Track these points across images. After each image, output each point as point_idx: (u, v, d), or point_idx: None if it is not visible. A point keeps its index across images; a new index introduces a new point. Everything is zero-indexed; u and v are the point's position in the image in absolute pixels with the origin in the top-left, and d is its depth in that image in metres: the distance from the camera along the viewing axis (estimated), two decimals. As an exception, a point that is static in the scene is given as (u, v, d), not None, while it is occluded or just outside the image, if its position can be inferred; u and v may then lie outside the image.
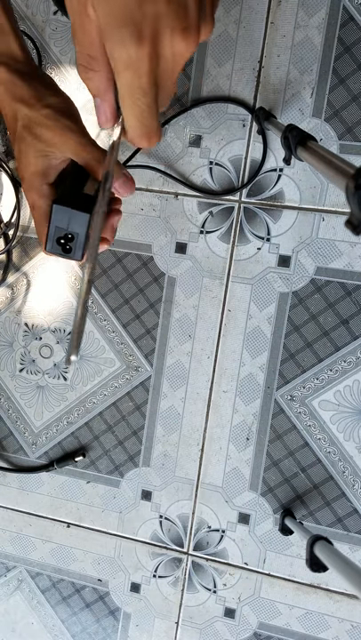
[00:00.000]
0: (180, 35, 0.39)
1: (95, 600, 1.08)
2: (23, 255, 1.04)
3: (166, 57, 0.40)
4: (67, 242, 0.60)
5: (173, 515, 1.03)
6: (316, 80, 0.89)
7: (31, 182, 0.60)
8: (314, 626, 0.99)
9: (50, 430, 1.07)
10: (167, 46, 0.40)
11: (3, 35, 0.57)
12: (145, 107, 0.44)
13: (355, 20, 0.87)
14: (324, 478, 0.96)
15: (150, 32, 0.38)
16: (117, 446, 1.04)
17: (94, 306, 1.02)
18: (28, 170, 0.59)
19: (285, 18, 0.89)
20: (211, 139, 0.94)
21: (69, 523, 1.08)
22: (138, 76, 0.41)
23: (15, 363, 1.07)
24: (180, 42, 0.39)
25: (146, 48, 0.39)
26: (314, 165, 0.55)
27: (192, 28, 0.39)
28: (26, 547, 1.11)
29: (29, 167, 0.59)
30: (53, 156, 0.58)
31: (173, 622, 1.05)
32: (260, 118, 0.87)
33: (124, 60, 0.40)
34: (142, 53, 0.39)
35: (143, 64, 0.40)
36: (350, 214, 0.40)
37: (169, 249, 0.98)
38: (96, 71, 0.44)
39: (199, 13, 0.39)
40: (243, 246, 0.95)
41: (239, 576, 1.01)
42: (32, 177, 0.59)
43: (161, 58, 0.40)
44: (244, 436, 0.98)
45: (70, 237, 0.60)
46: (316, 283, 0.93)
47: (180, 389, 1.00)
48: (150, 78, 0.41)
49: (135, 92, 0.42)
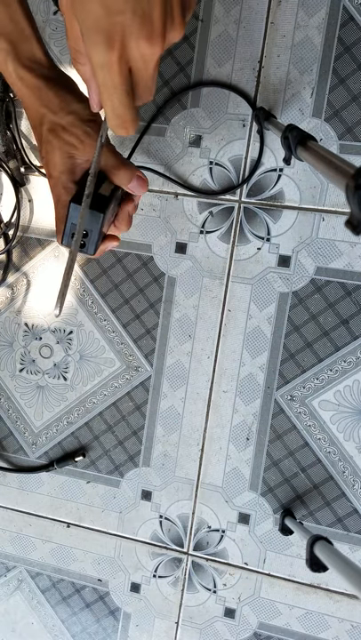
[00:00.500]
0: (146, 41, 0.45)
1: (95, 600, 1.08)
2: (23, 255, 1.04)
3: (135, 58, 0.47)
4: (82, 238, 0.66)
5: (173, 515, 1.03)
6: (316, 80, 0.89)
7: (59, 180, 0.66)
8: (314, 626, 0.99)
9: (50, 430, 1.07)
10: (134, 50, 0.46)
11: (26, 40, 0.62)
12: (117, 101, 0.51)
13: (355, 20, 0.87)
14: (324, 478, 0.96)
15: (118, 39, 0.45)
16: (117, 446, 1.04)
17: (94, 306, 1.02)
18: (56, 169, 0.65)
19: (285, 18, 0.89)
20: (211, 139, 0.94)
21: (69, 523, 1.08)
22: (109, 75, 0.48)
23: (15, 363, 1.07)
24: (146, 47, 0.46)
25: (115, 52, 0.46)
26: (314, 165, 0.55)
27: (156, 35, 0.45)
28: (26, 547, 1.11)
29: (57, 167, 0.65)
30: (78, 158, 0.64)
31: (173, 622, 1.05)
32: (260, 118, 0.87)
33: (97, 62, 0.47)
34: (111, 57, 0.46)
35: (113, 65, 0.47)
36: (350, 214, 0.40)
37: (169, 249, 0.98)
38: (82, 64, 0.53)
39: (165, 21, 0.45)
40: (243, 246, 0.95)
41: (239, 576, 1.01)
42: (60, 175, 0.66)
43: (130, 60, 0.47)
44: (244, 435, 0.98)
45: (85, 234, 0.66)
46: (316, 283, 0.93)
47: (180, 389, 1.00)
48: (120, 76, 0.48)
49: (108, 89, 0.49)
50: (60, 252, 1.02)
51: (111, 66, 0.47)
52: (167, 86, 0.94)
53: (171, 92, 0.95)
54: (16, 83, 0.63)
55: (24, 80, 0.62)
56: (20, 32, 0.62)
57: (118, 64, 0.47)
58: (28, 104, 0.64)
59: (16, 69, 0.62)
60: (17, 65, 0.62)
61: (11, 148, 1.00)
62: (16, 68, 0.62)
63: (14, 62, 0.62)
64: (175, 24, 0.46)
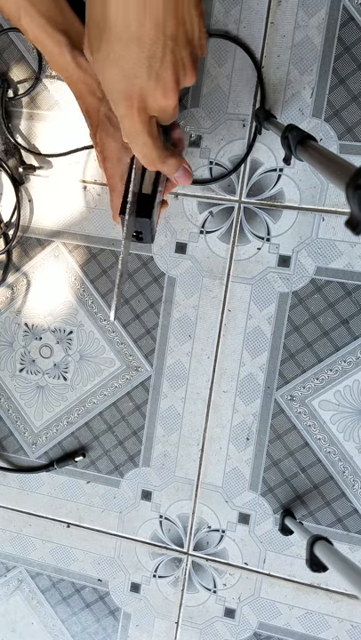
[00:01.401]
0: (161, 97, 0.52)
1: (95, 600, 1.08)
2: (23, 255, 1.04)
3: (154, 109, 0.53)
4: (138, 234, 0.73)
5: (173, 515, 1.03)
6: (316, 80, 0.89)
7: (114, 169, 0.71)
8: (314, 626, 0.99)
9: (50, 430, 1.07)
10: (152, 104, 0.52)
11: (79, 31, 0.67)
12: (141, 144, 0.58)
13: (355, 20, 0.87)
14: (324, 478, 0.96)
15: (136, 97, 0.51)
16: (117, 446, 1.04)
17: (94, 306, 1.02)
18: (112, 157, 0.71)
19: (285, 18, 0.89)
20: (211, 139, 0.94)
21: (69, 523, 1.08)
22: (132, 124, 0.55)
23: (15, 363, 1.07)
24: (162, 101, 0.52)
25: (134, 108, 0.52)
26: (314, 165, 0.55)
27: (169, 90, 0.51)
28: (26, 547, 1.11)
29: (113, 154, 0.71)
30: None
31: (173, 622, 1.05)
32: (260, 118, 0.87)
33: (120, 115, 0.54)
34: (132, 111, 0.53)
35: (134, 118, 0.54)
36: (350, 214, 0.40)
37: (169, 249, 0.98)
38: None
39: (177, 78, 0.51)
40: (243, 246, 0.95)
41: (239, 576, 1.01)
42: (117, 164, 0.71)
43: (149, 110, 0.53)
44: (244, 435, 0.98)
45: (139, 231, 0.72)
46: (316, 283, 0.93)
47: (180, 389, 1.00)
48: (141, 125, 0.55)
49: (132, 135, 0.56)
50: (60, 252, 1.02)
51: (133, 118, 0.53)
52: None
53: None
54: (75, 71, 0.67)
55: (82, 67, 0.66)
56: (71, 23, 0.66)
57: (138, 116, 0.53)
58: (86, 90, 0.68)
59: (75, 58, 0.66)
60: (76, 53, 0.65)
61: (10, 148, 1.00)
62: (75, 56, 0.65)
63: (72, 52, 0.65)
64: (187, 74, 0.52)
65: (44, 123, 1.00)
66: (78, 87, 0.68)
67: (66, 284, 1.03)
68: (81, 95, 0.69)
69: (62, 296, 1.03)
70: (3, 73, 1.00)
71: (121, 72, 0.49)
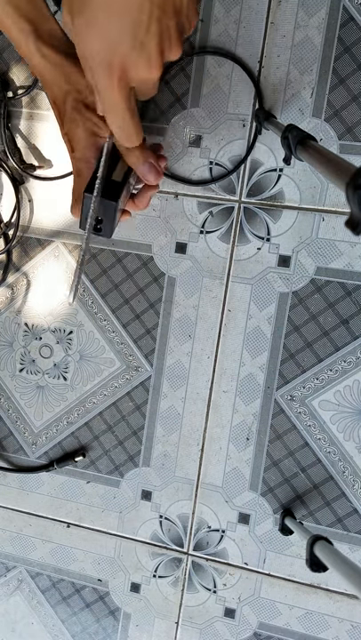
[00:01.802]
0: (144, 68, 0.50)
1: (95, 600, 1.08)
2: (23, 255, 1.04)
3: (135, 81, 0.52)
4: (97, 223, 0.70)
5: (173, 515, 1.03)
6: (316, 80, 0.89)
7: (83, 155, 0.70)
8: (314, 626, 0.99)
9: (50, 430, 1.07)
10: (134, 75, 0.51)
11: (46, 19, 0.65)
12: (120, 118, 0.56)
13: (355, 20, 0.87)
14: (324, 478, 0.96)
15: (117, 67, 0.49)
16: (117, 446, 1.04)
17: (94, 306, 1.02)
18: (80, 144, 0.69)
19: (285, 18, 0.89)
20: (211, 139, 0.94)
21: (69, 523, 1.08)
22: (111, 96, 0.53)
23: (15, 363, 1.07)
24: (145, 73, 0.50)
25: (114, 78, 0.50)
26: (314, 165, 0.55)
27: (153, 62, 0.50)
28: (26, 547, 1.11)
29: (81, 142, 0.69)
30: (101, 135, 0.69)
31: (173, 622, 1.05)
32: (259, 118, 0.87)
33: (101, 86, 0.52)
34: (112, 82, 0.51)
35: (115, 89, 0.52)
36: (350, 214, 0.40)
37: (169, 249, 0.98)
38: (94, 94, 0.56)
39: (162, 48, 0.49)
40: (243, 246, 0.95)
41: (239, 576, 1.01)
42: (84, 151, 0.70)
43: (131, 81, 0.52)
44: (244, 435, 0.98)
45: (100, 220, 0.70)
46: (316, 283, 0.93)
47: (180, 389, 1.00)
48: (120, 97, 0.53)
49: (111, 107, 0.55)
50: (60, 252, 1.02)
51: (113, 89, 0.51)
52: (167, 86, 0.94)
53: (172, 95, 0.95)
54: (39, 62, 0.65)
55: (47, 57, 0.65)
56: (39, 11, 0.64)
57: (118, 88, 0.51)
58: (51, 81, 0.67)
59: (39, 48, 0.64)
60: (40, 43, 0.64)
61: (10, 148, 1.00)
62: (39, 46, 0.64)
63: (37, 41, 0.64)
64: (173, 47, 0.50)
65: (43, 123, 1.00)
66: (44, 77, 0.67)
67: (66, 284, 1.02)
68: (47, 85, 0.68)
69: (62, 296, 1.03)
70: (3, 73, 1.00)
71: (103, 39, 0.47)
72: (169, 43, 0.49)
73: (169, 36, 0.49)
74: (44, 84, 0.68)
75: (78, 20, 0.48)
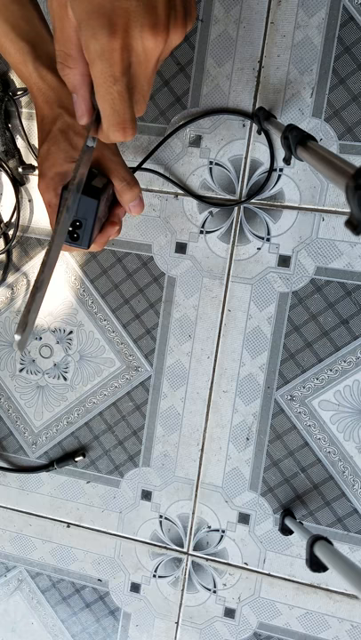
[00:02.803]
0: (149, 31, 0.43)
1: (95, 600, 1.08)
2: (23, 255, 1.04)
3: (137, 51, 0.45)
4: (75, 229, 0.64)
5: (173, 515, 1.03)
6: (316, 80, 0.89)
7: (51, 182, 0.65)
8: (314, 626, 0.99)
9: (50, 430, 1.07)
10: (137, 40, 0.44)
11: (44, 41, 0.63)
12: (117, 94, 0.47)
13: (355, 20, 0.87)
14: (324, 478, 0.96)
15: (121, 25, 0.42)
16: (117, 446, 1.04)
17: (94, 306, 1.02)
18: (52, 170, 0.65)
19: (285, 18, 0.89)
20: (211, 139, 0.94)
21: (69, 523, 1.08)
22: (109, 65, 0.45)
23: (15, 363, 1.07)
24: (150, 38, 0.44)
25: (117, 40, 0.43)
26: (314, 165, 0.55)
27: (160, 26, 0.44)
28: (26, 547, 1.11)
29: (54, 167, 0.65)
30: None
31: (173, 622, 1.05)
32: (260, 118, 0.87)
33: (97, 51, 0.44)
34: (114, 44, 0.43)
35: (115, 54, 0.44)
36: (350, 214, 0.40)
37: (169, 249, 0.98)
38: (72, 68, 0.48)
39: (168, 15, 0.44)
40: (243, 246, 0.95)
41: (239, 576, 1.01)
42: (55, 177, 0.65)
43: (132, 51, 0.45)
44: (244, 435, 0.98)
45: (78, 225, 0.63)
46: (316, 283, 0.93)
47: (180, 389, 1.00)
48: (121, 67, 0.45)
49: (107, 80, 0.46)
50: (61, 252, 1.02)
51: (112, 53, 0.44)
52: (167, 86, 0.94)
53: (172, 95, 0.95)
54: (37, 82, 0.64)
55: (45, 79, 0.63)
56: (38, 33, 0.63)
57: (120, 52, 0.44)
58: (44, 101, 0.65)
59: (37, 69, 0.63)
60: (38, 64, 0.62)
61: (10, 148, 1.00)
62: (37, 67, 0.62)
63: (35, 62, 0.62)
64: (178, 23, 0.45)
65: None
66: (38, 98, 0.65)
67: (66, 283, 1.02)
68: (39, 105, 0.66)
69: (62, 296, 1.03)
70: (3, 73, 1.00)
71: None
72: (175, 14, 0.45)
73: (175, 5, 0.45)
74: (37, 104, 0.66)
75: None
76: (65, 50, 0.48)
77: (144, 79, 0.48)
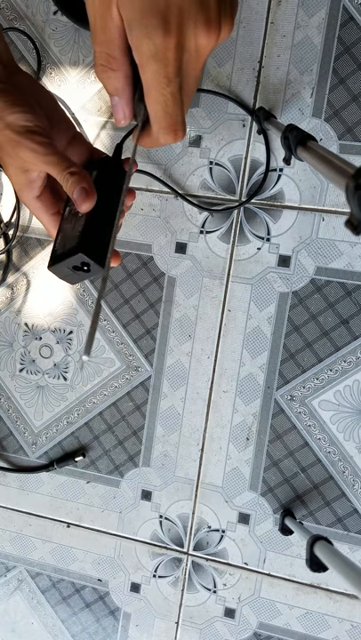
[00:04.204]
0: (203, 28, 0.42)
1: (95, 600, 1.08)
2: (23, 255, 1.04)
3: (190, 49, 0.43)
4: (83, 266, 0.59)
5: (173, 515, 1.03)
6: (316, 80, 0.89)
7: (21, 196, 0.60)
8: (314, 626, 0.99)
9: (50, 430, 1.07)
10: (191, 38, 0.42)
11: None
12: (170, 95, 0.45)
13: (355, 20, 0.87)
14: (324, 478, 0.96)
15: (176, 23, 0.41)
16: (117, 446, 1.04)
17: (94, 306, 1.02)
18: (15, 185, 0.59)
19: (285, 18, 0.89)
20: (211, 139, 0.94)
21: (69, 523, 1.08)
22: (164, 65, 0.43)
23: (15, 363, 1.07)
24: (203, 35, 0.42)
25: (172, 38, 0.41)
26: (314, 165, 0.55)
27: (213, 22, 0.42)
28: (26, 547, 1.11)
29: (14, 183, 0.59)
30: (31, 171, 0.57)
31: (173, 622, 1.05)
32: (259, 118, 0.87)
33: (150, 51, 0.42)
34: (169, 43, 0.42)
35: (170, 53, 0.42)
36: (350, 214, 0.40)
37: (169, 249, 0.98)
38: (115, 70, 0.47)
39: (220, 10, 0.42)
40: (243, 246, 0.95)
41: (239, 576, 1.01)
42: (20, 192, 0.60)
43: (185, 50, 0.43)
44: (244, 435, 0.98)
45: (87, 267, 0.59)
46: (316, 283, 0.93)
47: (180, 389, 1.00)
48: (175, 67, 0.43)
49: (161, 82, 0.44)
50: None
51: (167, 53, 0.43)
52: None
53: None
54: None
55: None
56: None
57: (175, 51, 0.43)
58: None
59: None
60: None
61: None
62: None
63: None
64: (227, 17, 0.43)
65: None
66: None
67: (66, 284, 1.02)
68: None
69: (62, 296, 1.03)
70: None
71: None
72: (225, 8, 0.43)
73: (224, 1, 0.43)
74: None
75: None
76: (108, 51, 0.46)
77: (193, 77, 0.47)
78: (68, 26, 0.98)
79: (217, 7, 0.42)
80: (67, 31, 0.98)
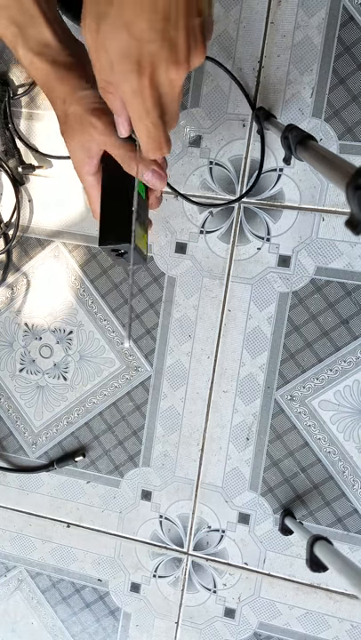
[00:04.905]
0: (173, 66, 0.49)
1: (95, 600, 1.08)
2: (23, 255, 1.04)
3: (164, 84, 0.50)
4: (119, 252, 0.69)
5: (173, 515, 1.03)
6: (316, 80, 0.89)
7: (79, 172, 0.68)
8: (314, 626, 0.99)
9: (50, 430, 1.07)
10: (163, 76, 0.49)
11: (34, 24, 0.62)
12: (151, 125, 0.54)
13: (355, 20, 0.87)
14: (324, 478, 0.96)
15: (148, 67, 0.48)
16: (117, 446, 1.04)
17: (94, 306, 1.02)
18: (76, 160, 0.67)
19: (285, 18, 0.89)
20: (211, 139, 0.94)
21: (69, 523, 1.08)
22: (142, 101, 0.51)
23: (15, 363, 1.07)
24: (173, 72, 0.49)
25: (146, 79, 0.49)
26: (314, 165, 0.55)
27: (182, 59, 0.48)
28: (26, 547, 1.11)
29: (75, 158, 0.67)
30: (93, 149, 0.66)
31: (173, 622, 1.05)
32: (260, 118, 0.87)
33: (129, 90, 0.51)
34: (143, 83, 0.49)
35: (145, 91, 0.50)
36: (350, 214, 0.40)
37: (169, 249, 0.98)
38: (112, 93, 0.54)
39: (189, 46, 0.48)
40: (243, 246, 0.95)
41: (239, 576, 1.01)
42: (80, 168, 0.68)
43: (160, 85, 0.50)
44: (244, 435, 0.98)
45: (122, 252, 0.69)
46: (315, 283, 0.93)
47: (180, 389, 1.00)
48: (152, 101, 0.51)
49: (142, 114, 0.53)
50: (60, 252, 1.02)
51: (143, 91, 0.50)
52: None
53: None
54: (27, 67, 0.64)
55: (33, 65, 0.63)
56: (28, 15, 0.62)
57: (150, 89, 0.50)
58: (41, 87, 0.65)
59: (25, 54, 0.63)
60: (26, 50, 0.62)
61: (9, 148, 1.00)
62: (25, 53, 0.62)
63: (23, 47, 0.62)
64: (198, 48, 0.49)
65: (43, 122, 1.00)
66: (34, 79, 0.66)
67: (66, 283, 1.03)
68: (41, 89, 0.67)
69: (62, 296, 1.03)
70: (3, 73, 1.00)
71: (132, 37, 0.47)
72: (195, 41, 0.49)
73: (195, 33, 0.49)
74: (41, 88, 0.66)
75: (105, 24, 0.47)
76: (104, 78, 0.53)
77: (172, 103, 0.54)
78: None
79: (185, 46, 0.48)
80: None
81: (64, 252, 1.02)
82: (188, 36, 0.48)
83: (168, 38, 0.47)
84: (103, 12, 0.47)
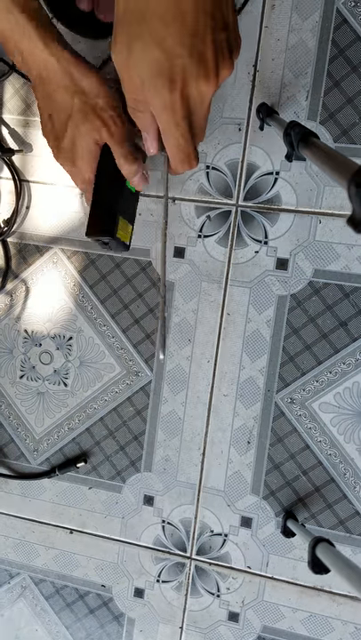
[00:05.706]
0: (203, 80, 0.51)
1: (99, 606, 1.08)
2: (22, 262, 1.04)
3: (194, 96, 0.53)
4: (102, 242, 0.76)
5: (176, 519, 1.03)
6: (310, 83, 0.90)
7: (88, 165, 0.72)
8: (318, 628, 0.98)
9: (51, 437, 1.07)
10: (193, 90, 0.52)
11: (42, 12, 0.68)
12: (180, 137, 0.57)
13: (348, 23, 0.87)
14: (326, 481, 0.96)
15: (179, 82, 0.51)
16: (119, 451, 1.04)
17: (94, 311, 1.02)
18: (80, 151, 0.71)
19: (279, 21, 0.90)
20: (207, 143, 0.94)
21: (72, 529, 1.08)
22: (173, 114, 0.54)
23: (15, 369, 1.07)
24: (203, 85, 0.52)
25: (177, 92, 0.51)
26: (315, 163, 0.55)
27: (211, 73, 0.51)
28: (29, 553, 1.11)
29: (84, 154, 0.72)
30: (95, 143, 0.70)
31: (177, 627, 1.05)
32: (262, 114, 0.87)
33: (160, 104, 0.53)
34: (175, 97, 0.52)
35: (176, 105, 0.53)
36: (352, 212, 0.40)
37: (167, 253, 0.98)
38: (142, 111, 0.57)
39: (217, 59, 0.51)
40: (240, 250, 0.95)
41: (242, 580, 1.01)
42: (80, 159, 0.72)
43: (190, 98, 0.53)
44: (245, 439, 0.98)
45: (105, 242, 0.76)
46: (313, 285, 0.93)
47: (181, 394, 1.00)
48: (182, 114, 0.54)
49: (172, 127, 0.55)
50: (59, 259, 1.02)
51: (174, 105, 0.53)
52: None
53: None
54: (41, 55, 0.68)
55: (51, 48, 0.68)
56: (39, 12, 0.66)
57: (180, 103, 0.52)
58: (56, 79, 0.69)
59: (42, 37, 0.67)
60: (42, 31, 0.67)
61: (8, 155, 1.00)
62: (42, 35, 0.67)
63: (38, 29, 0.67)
64: (225, 62, 0.52)
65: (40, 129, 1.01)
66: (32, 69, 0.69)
67: (65, 290, 1.03)
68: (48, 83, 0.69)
69: (61, 302, 1.03)
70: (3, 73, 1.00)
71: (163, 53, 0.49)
72: (222, 55, 0.51)
73: (222, 47, 0.51)
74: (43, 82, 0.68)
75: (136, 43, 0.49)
76: (134, 96, 0.55)
77: (202, 116, 0.56)
78: (63, 33, 0.98)
79: (214, 59, 0.50)
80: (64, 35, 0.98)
81: (62, 259, 1.02)
82: (215, 50, 0.50)
83: (197, 53, 0.49)
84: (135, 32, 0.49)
